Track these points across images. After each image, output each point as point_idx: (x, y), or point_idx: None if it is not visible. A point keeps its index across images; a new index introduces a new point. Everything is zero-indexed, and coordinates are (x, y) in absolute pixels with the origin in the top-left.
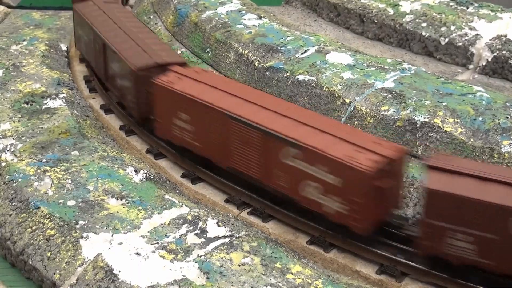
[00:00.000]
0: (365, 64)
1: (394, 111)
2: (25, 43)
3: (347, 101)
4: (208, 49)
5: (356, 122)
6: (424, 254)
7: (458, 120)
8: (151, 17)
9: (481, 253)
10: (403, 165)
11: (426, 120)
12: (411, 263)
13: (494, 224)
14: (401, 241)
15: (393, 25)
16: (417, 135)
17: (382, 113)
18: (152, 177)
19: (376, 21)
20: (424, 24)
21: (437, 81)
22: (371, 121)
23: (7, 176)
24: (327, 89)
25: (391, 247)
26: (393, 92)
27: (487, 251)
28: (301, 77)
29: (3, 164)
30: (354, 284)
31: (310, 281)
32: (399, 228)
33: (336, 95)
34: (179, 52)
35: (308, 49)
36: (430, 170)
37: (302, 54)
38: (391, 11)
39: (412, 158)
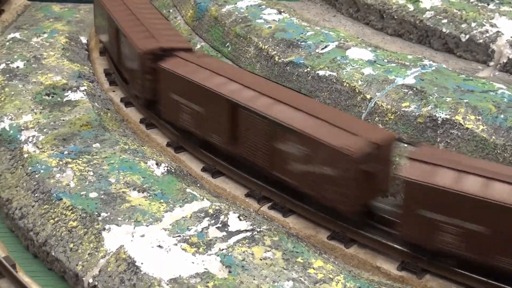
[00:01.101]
0: (385, 60)
1: (415, 108)
2: (45, 35)
3: (368, 97)
4: (228, 44)
5: (376, 118)
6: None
7: (480, 118)
8: (171, 11)
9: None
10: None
11: (448, 117)
12: (432, 260)
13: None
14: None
15: (413, 21)
16: (438, 132)
17: (403, 109)
18: (173, 171)
19: (396, 17)
20: (444, 21)
21: (458, 78)
22: (392, 117)
23: (30, 168)
24: (347, 85)
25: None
26: (414, 89)
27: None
28: (321, 73)
29: (26, 155)
30: (375, 280)
31: (331, 276)
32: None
33: (357, 91)
34: (198, 46)
35: (329, 45)
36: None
37: (322, 49)
38: (411, 7)
39: (406, 145)
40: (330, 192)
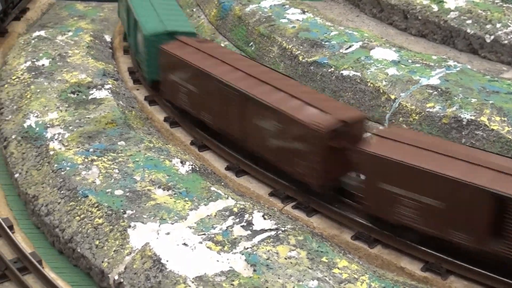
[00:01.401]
0: (410, 61)
1: (440, 108)
2: (70, 33)
3: (392, 97)
4: (251, 43)
5: (401, 119)
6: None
7: (505, 119)
8: (194, 10)
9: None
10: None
11: (473, 118)
12: (456, 261)
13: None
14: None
15: (437, 21)
16: (463, 133)
17: (427, 110)
18: (197, 169)
19: (420, 17)
20: (469, 21)
21: (483, 78)
22: (416, 117)
23: (55, 165)
24: (372, 85)
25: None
26: (439, 89)
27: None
28: (345, 73)
29: (51, 152)
30: (400, 281)
31: (356, 276)
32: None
33: (381, 91)
34: (222, 45)
35: (353, 45)
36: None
37: (346, 49)
38: (435, 7)
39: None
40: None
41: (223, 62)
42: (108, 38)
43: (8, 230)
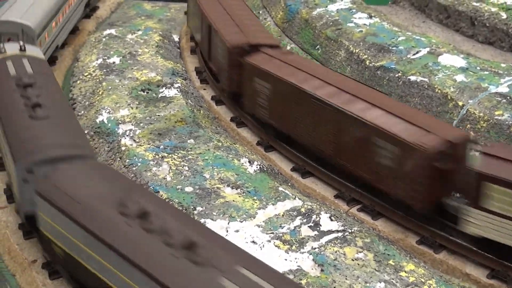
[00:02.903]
0: (478, 68)
1: (509, 116)
2: (140, 32)
3: (460, 104)
4: (318, 46)
5: (468, 125)
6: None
7: None
8: (260, 12)
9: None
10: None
11: None
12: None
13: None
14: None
15: (506, 29)
16: None
17: (496, 117)
18: (265, 169)
19: (488, 24)
20: None
21: None
22: (484, 125)
23: (127, 160)
24: (439, 91)
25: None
26: (508, 97)
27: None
28: (413, 78)
29: (123, 148)
30: (466, 286)
31: (423, 280)
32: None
33: (449, 98)
34: (288, 48)
35: (420, 50)
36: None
37: (414, 54)
38: (504, 15)
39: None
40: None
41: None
42: (176, 37)
43: None
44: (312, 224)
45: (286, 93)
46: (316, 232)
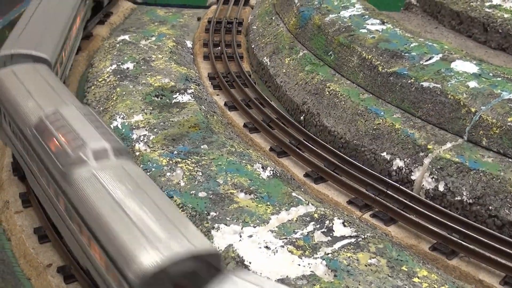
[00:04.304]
0: (491, 74)
1: None
2: (153, 38)
3: (473, 110)
4: (330, 52)
5: (481, 132)
6: None
7: None
8: (273, 18)
9: None
10: None
11: None
12: None
13: None
14: None
15: None
16: None
17: (508, 124)
18: (278, 174)
19: (500, 30)
20: None
21: None
22: (496, 131)
23: (141, 165)
24: (452, 97)
25: None
26: None
27: None
28: (425, 84)
29: (137, 153)
30: None
31: (436, 286)
32: None
33: (461, 104)
34: (301, 54)
35: (433, 56)
36: None
37: (426, 61)
38: None
39: None
40: None
41: None
42: (189, 43)
43: None
44: (325, 230)
45: None
46: (329, 238)
